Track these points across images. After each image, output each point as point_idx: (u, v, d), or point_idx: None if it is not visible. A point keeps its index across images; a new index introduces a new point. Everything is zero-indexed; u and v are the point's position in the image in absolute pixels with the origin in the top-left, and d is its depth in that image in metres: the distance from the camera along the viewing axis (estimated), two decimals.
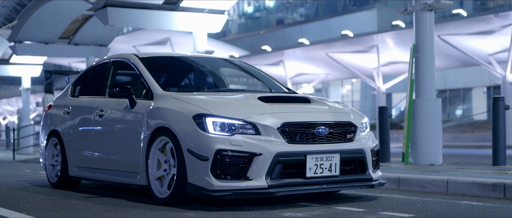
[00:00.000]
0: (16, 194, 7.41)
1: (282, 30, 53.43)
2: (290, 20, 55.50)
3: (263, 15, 58.71)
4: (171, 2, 14.47)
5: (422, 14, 9.90)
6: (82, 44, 19.44)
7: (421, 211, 5.45)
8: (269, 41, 51.37)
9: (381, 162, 10.47)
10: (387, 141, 10.81)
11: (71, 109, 8.02)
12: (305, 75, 36.11)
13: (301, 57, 32.86)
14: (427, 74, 9.87)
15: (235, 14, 61.63)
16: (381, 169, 8.49)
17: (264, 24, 58.07)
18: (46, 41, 18.89)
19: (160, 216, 5.41)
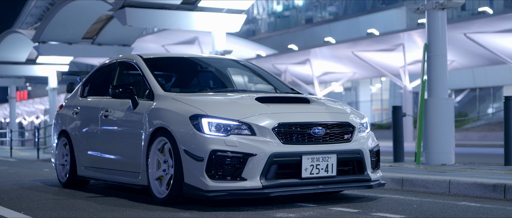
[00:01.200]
0: (24, 193, 7.53)
1: (311, 28, 53.29)
2: (319, 18, 55.33)
3: (292, 14, 58.61)
4: (189, 2, 14.54)
5: (434, 13, 9.80)
6: (105, 44, 19.64)
7: (414, 212, 5.42)
8: (298, 40, 51.30)
9: (395, 162, 10.41)
10: (401, 140, 10.72)
11: (79, 109, 8.13)
12: (332, 73, 35.99)
13: (328, 55, 32.77)
14: (440, 73, 9.78)
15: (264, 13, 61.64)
16: (391, 169, 8.45)
17: (293, 23, 57.96)
18: (70, 41, 19.13)
19: (155, 216, 5.46)
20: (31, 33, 19.77)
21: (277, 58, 35.14)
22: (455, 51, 27.37)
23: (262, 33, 60.33)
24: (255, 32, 61.36)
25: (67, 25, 18.05)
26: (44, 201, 6.69)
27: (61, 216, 5.55)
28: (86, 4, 16.55)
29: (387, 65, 31.46)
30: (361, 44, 29.37)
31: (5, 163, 15.33)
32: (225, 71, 7.93)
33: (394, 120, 10.83)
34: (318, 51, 32.46)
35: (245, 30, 62.33)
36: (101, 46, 19.61)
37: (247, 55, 40.46)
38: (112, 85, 6.88)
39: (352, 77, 36.00)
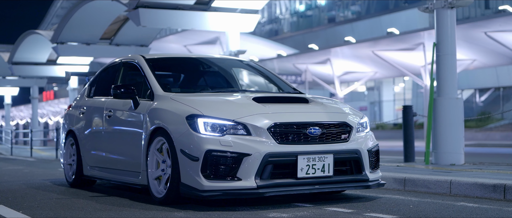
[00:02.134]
0: (29, 192, 7.62)
1: (333, 28, 53.11)
2: (341, 18, 55.12)
3: (315, 13, 58.46)
4: (203, 2, 14.59)
5: (443, 12, 9.72)
6: (123, 44, 19.77)
7: (408, 212, 5.38)
8: (320, 39, 51.17)
9: (406, 162, 10.34)
10: (412, 140, 10.64)
11: (85, 110, 8.21)
12: (353, 73, 35.84)
13: (349, 55, 32.63)
14: (449, 73, 9.70)
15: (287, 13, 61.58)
16: (396, 169, 8.40)
17: (316, 22, 57.81)
18: (88, 42, 19.29)
19: (150, 215, 5.49)
20: (50, 34, 19.98)
21: (298, 58, 35.08)
22: (476, 50, 27.11)
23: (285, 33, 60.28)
24: (278, 32, 61.32)
25: (84, 26, 18.21)
26: (47, 200, 6.76)
27: (58, 215, 5.60)
28: (103, 5, 16.68)
29: (408, 65, 31.24)
30: (381, 44, 29.20)
31: (23, 163, 15.52)
32: (230, 71, 7.94)
33: (404, 120, 10.76)
34: (339, 50, 32.33)
35: (267, 30, 62.35)
36: (119, 46, 19.75)
37: (268, 55, 40.47)
38: (114, 85, 6.93)
39: (373, 76, 35.81)
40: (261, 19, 63.56)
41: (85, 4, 16.89)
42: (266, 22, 63.26)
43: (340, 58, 33.28)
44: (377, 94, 50.66)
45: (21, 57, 23.89)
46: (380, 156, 13.77)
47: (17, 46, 23.24)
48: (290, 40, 55.40)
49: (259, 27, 63.79)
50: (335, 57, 33.06)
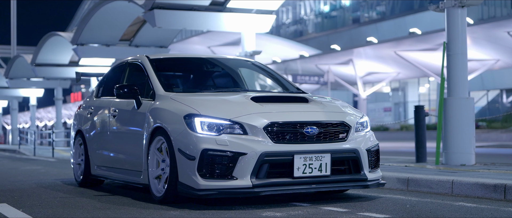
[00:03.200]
0: (37, 192, 7.71)
1: (357, 29, 52.91)
2: (366, 18, 54.88)
3: (339, 14, 58.28)
4: (218, 3, 14.63)
5: (453, 11, 9.65)
6: (142, 46, 19.92)
7: (402, 212, 5.35)
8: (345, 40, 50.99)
9: (417, 162, 10.27)
10: (423, 141, 10.55)
11: (93, 110, 8.30)
12: (375, 74, 35.67)
13: (371, 56, 32.50)
14: (459, 72, 9.62)
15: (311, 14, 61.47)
16: (404, 169, 8.34)
17: (340, 23, 57.63)
18: (107, 43, 19.46)
19: (146, 214, 5.53)
20: (70, 35, 20.20)
21: (320, 58, 35.03)
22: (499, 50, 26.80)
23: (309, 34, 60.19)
24: (303, 32, 61.24)
25: (103, 27, 18.37)
26: (51, 199, 6.84)
27: (56, 214, 5.67)
28: (120, 7, 16.83)
29: (431, 65, 31.02)
30: (403, 44, 29.03)
31: (42, 163, 15.71)
32: (235, 71, 7.95)
33: (416, 120, 10.67)
34: (362, 51, 32.23)
35: (292, 31, 62.32)
36: (139, 47, 19.89)
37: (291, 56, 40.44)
38: (117, 85, 7.00)
39: (396, 77, 35.62)
40: (285, 20, 63.51)
41: (103, 6, 17.04)
42: (290, 23, 63.24)
43: (362, 59, 33.16)
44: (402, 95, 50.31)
45: (43, 58, 24.18)
46: (395, 157, 13.73)
47: (40, 48, 23.53)
48: (315, 41, 55.30)
49: (283, 28, 63.79)
50: (357, 57, 32.94)
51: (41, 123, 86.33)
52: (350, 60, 33.25)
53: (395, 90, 50.63)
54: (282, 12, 64.18)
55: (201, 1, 14.35)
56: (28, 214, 5.69)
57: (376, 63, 33.53)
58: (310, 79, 36.29)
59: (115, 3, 16.71)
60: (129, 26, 18.89)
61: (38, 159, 18.23)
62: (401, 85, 50.41)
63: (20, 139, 28.59)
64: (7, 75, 30.46)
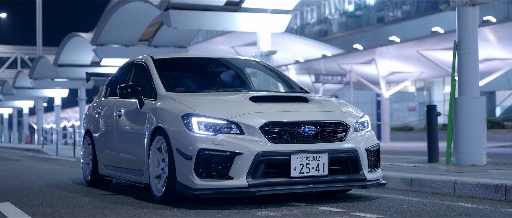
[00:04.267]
0: (44, 191, 7.79)
1: (382, 28, 52.55)
2: (390, 17, 54.50)
3: (364, 13, 57.96)
4: (233, 3, 14.65)
5: (464, 9, 9.55)
6: (161, 46, 20.01)
7: (396, 212, 5.32)
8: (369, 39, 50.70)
9: (429, 162, 10.18)
10: (436, 140, 10.46)
11: (100, 110, 8.37)
12: (398, 73, 35.40)
13: (394, 55, 32.25)
14: (470, 71, 9.52)
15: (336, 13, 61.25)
16: (410, 169, 8.27)
17: (365, 22, 57.31)
18: (127, 43, 19.60)
19: (142, 213, 5.56)
20: (90, 36, 20.37)
21: (343, 58, 34.85)
22: None
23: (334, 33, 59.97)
24: (327, 32, 61.02)
25: (122, 28, 18.50)
26: (55, 199, 6.90)
27: (55, 213, 5.73)
28: (138, 7, 16.93)
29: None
30: (426, 43, 28.76)
31: (61, 163, 15.86)
32: (240, 70, 7.95)
33: (428, 120, 10.58)
34: (385, 50, 31.98)
35: (316, 31, 62.15)
36: (158, 48, 19.99)
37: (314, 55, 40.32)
38: (120, 85, 7.05)
39: (419, 76, 35.31)
40: (310, 19, 63.40)
41: (121, 6, 17.17)
42: (315, 23, 63.07)
43: (385, 58, 32.93)
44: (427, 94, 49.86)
45: (65, 59, 24.43)
46: (409, 156, 13.63)
47: (61, 48, 23.77)
48: (339, 40, 55.07)
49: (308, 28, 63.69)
50: (379, 57, 32.72)
51: (69, 123, 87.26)
52: (372, 59, 33.02)
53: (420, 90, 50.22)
54: (306, 11, 64.07)
55: (216, 1, 14.38)
56: (27, 213, 5.75)
57: (399, 63, 33.26)
58: (332, 78, 36.12)
59: (133, 4, 16.82)
60: (148, 26, 18.99)
61: (59, 159, 18.41)
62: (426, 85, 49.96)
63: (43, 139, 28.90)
64: (31, 76, 30.84)
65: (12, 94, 38.48)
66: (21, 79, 35.32)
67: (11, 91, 38.46)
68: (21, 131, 47.09)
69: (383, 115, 34.93)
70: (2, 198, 6.97)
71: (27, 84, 34.18)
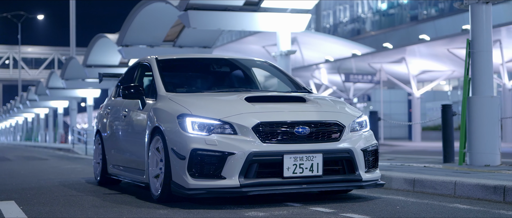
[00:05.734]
0: (52, 190, 7.91)
1: (415, 26, 52.03)
2: (424, 16, 53.93)
3: (397, 12, 57.47)
4: (252, 3, 14.66)
5: (477, 7, 9.41)
6: (186, 46, 20.10)
7: (386, 213, 5.27)
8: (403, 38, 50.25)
9: (445, 162, 10.06)
10: (451, 140, 10.32)
11: (109, 110, 8.47)
12: (430, 72, 34.99)
13: (425, 54, 31.89)
14: (484, 70, 9.37)
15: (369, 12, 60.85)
16: (418, 170, 8.18)
17: (398, 21, 56.82)
18: (151, 44, 19.74)
19: (135, 212, 5.61)
20: (116, 37, 20.59)
21: (373, 57, 34.57)
22: None
23: (367, 32, 59.59)
24: (360, 31, 60.66)
25: (146, 29, 18.64)
26: (59, 197, 6.99)
27: (52, 212, 5.81)
28: (160, 8, 17.04)
29: None
30: (456, 41, 28.38)
31: (84, 162, 16.08)
32: (244, 71, 7.96)
33: (443, 119, 10.45)
34: (416, 48, 31.64)
35: (349, 30, 61.83)
36: (182, 48, 20.09)
37: (344, 54, 40.11)
38: (123, 86, 7.12)
39: (451, 75, 34.86)
40: (343, 18, 63.12)
41: (144, 7, 17.32)
42: (348, 22, 62.76)
43: (416, 57, 32.57)
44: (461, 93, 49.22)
45: (94, 60, 24.72)
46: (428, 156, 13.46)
47: (90, 49, 24.07)
48: (372, 39, 54.70)
49: (341, 27, 63.39)
50: (410, 56, 32.37)
51: None
52: (402, 58, 32.68)
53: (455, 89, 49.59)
54: (339, 10, 63.78)
55: (235, 1, 14.41)
56: (25, 212, 5.84)
57: (430, 61, 32.87)
58: (363, 78, 35.87)
59: (155, 5, 16.95)
60: (172, 27, 19.10)
61: (86, 158, 18.64)
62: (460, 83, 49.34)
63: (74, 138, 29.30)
64: (62, 76, 31.29)
65: (46, 94, 39.08)
66: (53, 79, 35.87)
67: (44, 91, 39.07)
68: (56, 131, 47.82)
69: (414, 114, 34.57)
70: (9, 197, 7.09)
71: (59, 84, 34.67)
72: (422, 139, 34.52)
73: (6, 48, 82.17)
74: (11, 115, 66.31)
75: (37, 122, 59.18)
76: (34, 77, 78.14)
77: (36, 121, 59.43)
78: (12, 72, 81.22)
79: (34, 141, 56.15)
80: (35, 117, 59.84)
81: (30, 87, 48.36)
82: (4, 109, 73.68)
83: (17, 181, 9.35)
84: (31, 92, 46.36)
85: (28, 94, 48.19)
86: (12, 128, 77.04)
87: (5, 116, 72.16)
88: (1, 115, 77.11)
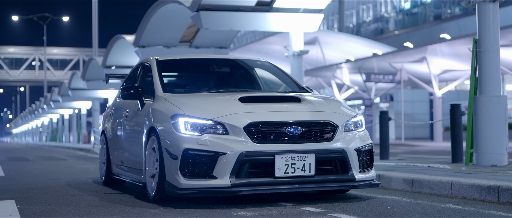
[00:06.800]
0: (57, 189, 8.00)
1: (438, 25, 51.62)
2: (447, 14, 53.48)
3: (420, 11, 57.07)
4: (264, 3, 14.67)
5: (484, 6, 9.32)
6: (202, 47, 20.16)
7: (374, 213, 5.25)
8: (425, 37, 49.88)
9: (453, 162, 9.98)
10: (460, 140, 10.24)
11: (113, 110, 8.54)
12: (452, 71, 34.67)
13: (447, 53, 31.61)
14: (491, 70, 9.28)
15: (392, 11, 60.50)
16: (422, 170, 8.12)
17: (421, 20, 56.42)
18: (168, 45, 19.83)
19: (127, 212, 5.66)
20: (133, 38, 20.73)
21: (394, 56, 34.35)
22: None
23: (390, 31, 59.26)
24: (383, 30, 60.35)
25: (162, 30, 18.74)
26: (59, 197, 7.07)
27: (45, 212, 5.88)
28: (175, 9, 17.12)
29: (509, 62, 29.89)
30: None
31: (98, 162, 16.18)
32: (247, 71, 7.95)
33: (452, 119, 10.36)
34: (437, 48, 31.38)
35: (372, 29, 61.54)
36: (199, 48, 20.16)
37: (366, 54, 39.93)
38: (122, 86, 7.17)
39: None
40: (366, 18, 62.82)
41: (158, 8, 17.42)
42: (371, 21, 62.47)
43: (437, 56, 32.31)
44: None
45: (112, 61, 24.91)
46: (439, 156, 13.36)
47: (108, 51, 24.26)
48: (395, 38, 54.38)
49: (364, 27, 63.12)
50: (431, 55, 32.12)
51: None
52: (423, 57, 32.43)
53: None
54: (362, 10, 63.51)
55: (247, 2, 14.43)
56: (21, 211, 5.91)
57: (452, 61, 32.58)
58: (384, 77, 35.66)
59: (170, 6, 17.03)
60: (188, 27, 19.17)
61: None
62: None
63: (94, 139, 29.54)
64: (83, 77, 31.58)
65: (68, 95, 39.45)
66: (75, 80, 36.20)
67: (67, 92, 39.44)
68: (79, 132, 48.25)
69: (436, 114, 34.28)
70: (12, 196, 7.19)
71: (81, 85, 34.97)
72: (443, 139, 34.22)
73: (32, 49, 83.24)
74: (36, 115, 67.09)
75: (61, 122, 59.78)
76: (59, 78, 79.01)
77: (61, 121, 60.02)
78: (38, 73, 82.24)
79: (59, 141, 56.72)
80: (60, 118, 60.45)
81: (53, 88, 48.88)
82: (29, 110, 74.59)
83: (26, 181, 9.46)
84: (54, 93, 46.85)
85: (51, 95, 48.70)
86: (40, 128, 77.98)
87: (31, 117, 73.03)
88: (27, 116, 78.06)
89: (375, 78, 35.76)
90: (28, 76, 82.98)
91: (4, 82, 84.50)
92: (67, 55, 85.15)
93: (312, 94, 7.00)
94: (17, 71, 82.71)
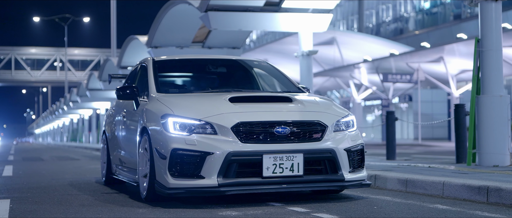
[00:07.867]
0: (57, 189, 8.08)
1: (458, 25, 51.21)
2: (467, 14, 53.04)
3: (440, 10, 56.67)
4: (273, 4, 14.67)
5: (487, 5, 9.25)
6: (215, 47, 20.20)
7: (357, 213, 5.23)
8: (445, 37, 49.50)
9: (458, 162, 9.92)
10: (464, 140, 10.17)
11: (113, 111, 8.60)
12: (469, 71, 34.34)
13: (464, 53, 31.36)
14: (493, 69, 9.20)
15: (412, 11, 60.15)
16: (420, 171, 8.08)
17: (441, 20, 56.01)
18: (180, 45, 19.89)
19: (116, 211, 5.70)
20: (146, 38, 20.83)
21: (412, 56, 34.15)
22: None
23: (410, 31, 58.91)
24: (403, 30, 60.01)
25: (174, 30, 18.80)
26: (56, 196, 7.13)
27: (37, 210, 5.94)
28: (186, 10, 17.17)
29: None
30: None
31: None
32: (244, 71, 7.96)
33: (456, 119, 10.29)
34: (455, 47, 31.14)
35: (392, 29, 61.22)
36: (211, 49, 20.19)
37: (384, 54, 39.74)
38: (118, 87, 7.22)
39: None
40: (385, 18, 62.53)
41: (169, 9, 17.49)
42: (390, 21, 62.16)
43: (454, 56, 32.06)
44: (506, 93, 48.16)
45: (127, 61, 25.05)
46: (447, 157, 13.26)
47: (123, 51, 24.41)
48: (415, 38, 54.04)
49: (384, 26, 62.83)
50: (448, 55, 31.88)
51: None
52: (441, 57, 32.20)
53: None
54: (382, 10, 63.23)
55: (255, 2, 14.44)
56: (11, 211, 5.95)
57: (469, 61, 32.31)
58: (401, 77, 35.48)
59: (180, 6, 17.09)
60: (200, 28, 19.22)
61: None
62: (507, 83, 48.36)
63: None
64: (100, 78, 31.80)
65: (86, 96, 39.74)
66: (92, 81, 36.46)
67: (85, 93, 39.73)
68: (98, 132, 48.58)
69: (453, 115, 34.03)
70: (9, 196, 7.27)
71: (98, 86, 35.20)
72: None
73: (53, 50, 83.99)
74: (57, 116, 67.67)
75: (81, 123, 60.23)
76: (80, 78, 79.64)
77: (81, 122, 60.48)
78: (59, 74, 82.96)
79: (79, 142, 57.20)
80: (80, 118, 60.92)
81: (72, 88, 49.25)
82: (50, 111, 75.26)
83: (30, 181, 9.56)
84: (73, 93, 47.22)
85: (70, 95, 49.08)
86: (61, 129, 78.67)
87: (52, 117, 73.68)
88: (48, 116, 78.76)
89: (393, 78, 35.57)
90: (50, 77, 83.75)
91: (26, 82, 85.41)
92: (87, 56, 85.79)
93: (306, 94, 6.98)
94: (39, 72, 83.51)
